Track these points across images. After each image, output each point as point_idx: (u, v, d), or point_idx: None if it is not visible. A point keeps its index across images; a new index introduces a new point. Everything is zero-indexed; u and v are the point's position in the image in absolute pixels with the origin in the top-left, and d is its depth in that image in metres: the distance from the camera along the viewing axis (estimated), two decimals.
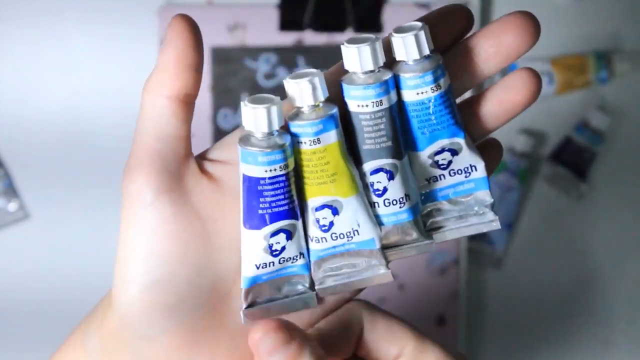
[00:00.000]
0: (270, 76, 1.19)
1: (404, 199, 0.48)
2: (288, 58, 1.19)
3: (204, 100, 1.19)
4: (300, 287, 0.49)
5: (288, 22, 1.19)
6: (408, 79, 0.47)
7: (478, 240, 1.18)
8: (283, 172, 0.46)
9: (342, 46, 0.47)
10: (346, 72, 0.47)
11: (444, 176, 0.49)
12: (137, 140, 0.47)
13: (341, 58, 0.47)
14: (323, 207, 0.48)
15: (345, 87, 0.47)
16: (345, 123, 0.47)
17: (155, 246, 0.46)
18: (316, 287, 0.49)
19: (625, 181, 1.21)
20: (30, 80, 1.19)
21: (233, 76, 1.19)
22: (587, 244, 1.21)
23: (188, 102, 0.47)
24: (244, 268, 0.47)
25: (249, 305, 0.48)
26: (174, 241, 0.46)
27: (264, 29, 1.19)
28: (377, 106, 0.47)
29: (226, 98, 1.19)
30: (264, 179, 0.46)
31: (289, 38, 1.19)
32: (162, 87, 0.47)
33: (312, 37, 1.19)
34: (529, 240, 1.22)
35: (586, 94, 1.19)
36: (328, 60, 1.18)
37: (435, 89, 0.47)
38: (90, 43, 1.19)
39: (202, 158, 0.48)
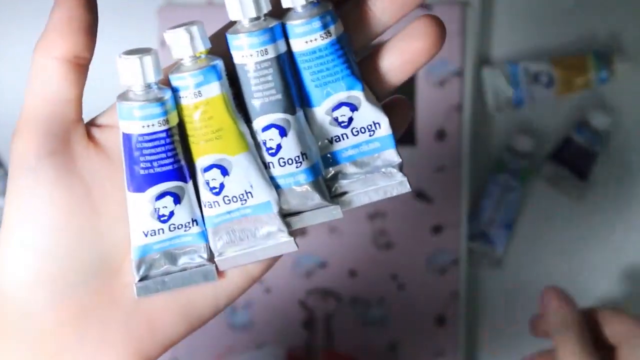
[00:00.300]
0: None
1: (300, 157, 0.45)
2: None
3: None
4: (197, 259, 0.46)
5: None
6: (295, 26, 0.44)
7: (477, 240, 1.18)
8: (163, 127, 0.43)
9: None
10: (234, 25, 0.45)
11: (347, 135, 0.46)
12: (25, 102, 0.46)
13: None
14: (211, 167, 0.45)
15: (229, 37, 0.45)
16: (234, 80, 0.45)
17: (36, 211, 0.44)
18: (216, 259, 0.46)
19: (626, 181, 1.21)
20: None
21: None
22: (587, 244, 1.21)
23: (79, 65, 0.45)
24: (133, 236, 0.45)
25: (142, 278, 0.45)
26: (54, 208, 0.44)
27: None
28: (262, 55, 0.44)
29: None
30: (142, 135, 0.43)
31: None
32: (51, 48, 0.45)
33: None
34: (529, 240, 1.22)
35: (586, 94, 1.19)
36: None
37: (325, 35, 0.44)
38: None
39: (91, 124, 0.46)
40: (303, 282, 1.16)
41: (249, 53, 0.44)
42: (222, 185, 0.45)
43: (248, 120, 0.45)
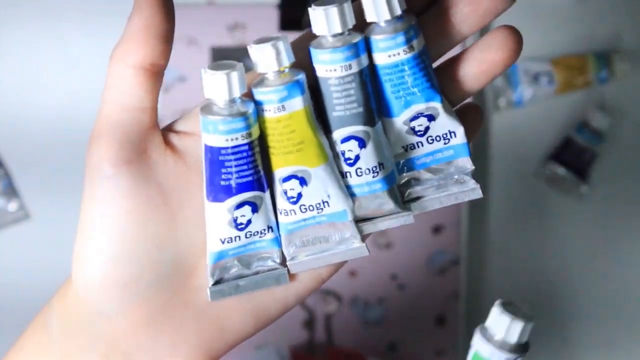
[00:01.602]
0: None
1: (377, 167, 0.46)
2: None
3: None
4: (270, 263, 0.47)
5: (288, 22, 1.19)
6: (379, 40, 0.45)
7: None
8: (246, 141, 0.44)
9: (309, 9, 0.44)
10: (316, 36, 0.45)
11: (422, 143, 0.47)
12: (101, 110, 0.45)
13: None
14: (290, 177, 0.45)
15: (312, 51, 0.45)
16: (315, 90, 0.45)
17: (113, 220, 0.45)
18: (287, 263, 0.47)
19: (626, 181, 1.21)
20: (30, 80, 1.19)
21: None
22: (587, 245, 1.21)
23: (155, 72, 0.45)
24: (209, 243, 0.45)
25: (216, 282, 0.46)
26: (132, 215, 0.45)
27: (264, 29, 1.19)
28: (345, 70, 0.44)
29: None
30: (225, 148, 0.44)
31: (289, 38, 1.19)
32: (127, 55, 0.45)
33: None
34: (529, 240, 1.22)
35: (586, 94, 1.19)
36: None
37: (407, 50, 0.45)
38: (90, 43, 1.19)
39: (168, 130, 0.47)
40: None
41: (333, 68, 0.45)
42: (299, 195, 0.46)
43: (327, 131, 0.46)
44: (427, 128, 0.46)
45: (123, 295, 0.45)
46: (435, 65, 0.47)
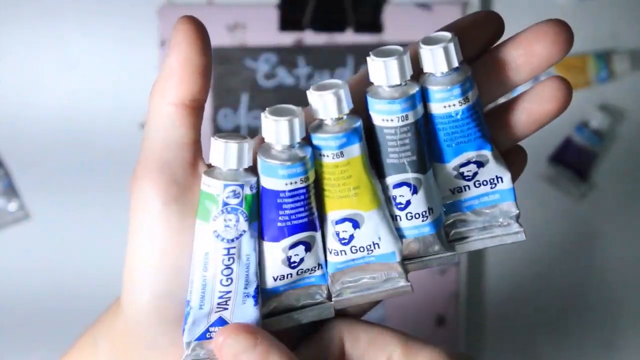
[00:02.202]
0: (270, 76, 1.19)
1: (427, 212, 0.47)
2: (288, 58, 1.19)
3: None
4: (317, 297, 0.48)
5: (288, 22, 1.19)
6: (436, 92, 0.46)
7: None
8: (304, 184, 0.45)
9: (367, 58, 0.45)
10: (370, 81, 0.46)
11: (469, 187, 0.48)
12: (145, 147, 0.46)
13: (341, 59, 0.46)
14: (344, 220, 0.46)
15: (370, 100, 0.46)
16: (369, 134, 0.46)
17: (163, 257, 0.45)
18: (333, 299, 0.48)
19: (627, 181, 1.21)
20: (30, 80, 1.19)
21: (233, 76, 1.19)
22: (588, 244, 1.21)
23: (195, 107, 0.46)
24: (262, 280, 0.47)
25: (267, 315, 0.47)
26: (182, 252, 0.45)
27: (264, 29, 1.19)
28: (402, 121, 0.45)
29: (226, 98, 1.19)
30: (284, 192, 0.45)
31: (289, 38, 1.19)
32: (168, 93, 0.45)
33: (312, 37, 1.19)
34: (529, 240, 1.21)
35: (586, 94, 1.19)
36: (328, 60, 1.18)
37: (463, 102, 0.46)
38: (90, 43, 1.19)
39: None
40: None
41: (390, 118, 0.45)
42: (351, 237, 0.47)
43: (380, 175, 0.47)
44: (476, 173, 0.48)
45: (174, 330, 0.46)
46: (485, 109, 0.48)
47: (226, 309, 0.46)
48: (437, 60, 0.45)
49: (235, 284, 0.46)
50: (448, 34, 0.46)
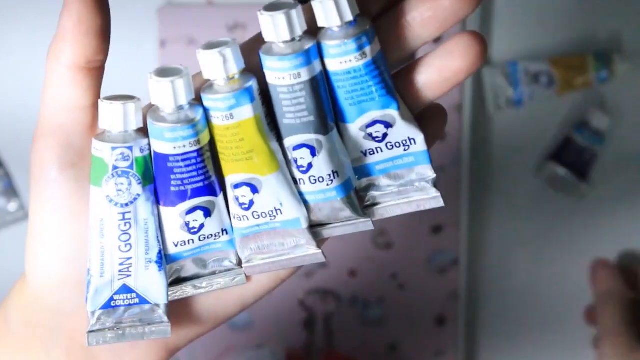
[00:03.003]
0: None
1: (332, 175, 0.45)
2: None
3: None
4: (227, 264, 0.46)
5: None
6: (330, 47, 0.43)
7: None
8: (194, 148, 0.43)
9: (258, 13, 0.43)
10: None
11: (381, 149, 0.45)
12: (41, 110, 0.45)
13: None
14: (241, 184, 0.44)
15: (262, 57, 0.44)
16: (269, 94, 0.44)
17: (61, 221, 0.44)
18: (243, 265, 0.46)
19: (627, 180, 1.21)
20: (30, 81, 1.19)
21: None
22: (588, 244, 1.21)
23: (92, 69, 0.44)
24: (164, 246, 0.45)
25: (173, 282, 0.46)
26: (80, 215, 0.44)
27: None
28: (295, 78, 0.43)
29: None
30: (173, 155, 0.43)
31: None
32: (61, 55, 0.44)
33: None
34: (530, 240, 1.22)
35: (586, 94, 1.19)
36: None
37: (360, 57, 0.43)
38: None
39: None
40: (303, 282, 1.16)
41: (282, 76, 0.43)
42: (251, 202, 0.45)
43: (280, 137, 0.45)
44: (385, 135, 0.45)
45: (78, 293, 0.45)
46: (394, 72, 0.46)
47: (129, 275, 0.45)
48: (328, 14, 0.43)
49: (135, 249, 0.44)
50: None
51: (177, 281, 0.46)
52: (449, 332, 1.17)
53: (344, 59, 0.43)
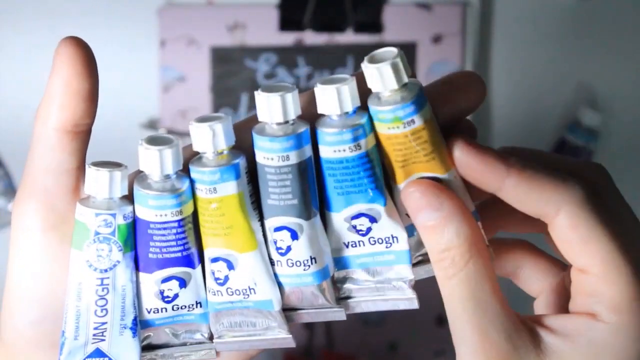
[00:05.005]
0: (270, 76, 1.19)
1: (310, 261, 0.44)
2: (288, 58, 1.19)
3: (204, 100, 1.19)
4: (198, 336, 0.47)
5: (288, 22, 1.19)
6: (326, 134, 0.43)
7: None
8: (176, 217, 0.43)
9: (255, 92, 0.43)
10: None
11: (363, 243, 0.45)
12: (26, 172, 0.45)
13: (341, 59, 0.44)
14: (218, 259, 0.44)
15: (254, 136, 0.43)
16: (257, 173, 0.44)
17: (39, 284, 0.45)
18: (214, 341, 0.46)
19: (624, 175, 1.21)
20: (30, 81, 1.19)
21: (233, 76, 1.19)
22: None
23: (79, 133, 0.44)
24: (139, 311, 0.45)
25: (144, 348, 0.46)
26: (59, 280, 0.45)
27: (264, 29, 1.19)
28: (283, 161, 0.43)
29: (226, 98, 1.19)
30: (154, 222, 0.43)
31: (289, 38, 1.19)
32: (48, 117, 0.44)
33: (312, 37, 1.19)
34: (530, 240, 1.22)
35: (575, 94, 1.19)
36: (328, 60, 1.18)
37: (354, 148, 0.43)
38: (90, 43, 1.19)
39: None
40: None
41: (270, 156, 0.43)
42: (226, 278, 0.45)
43: (262, 217, 0.45)
44: (369, 229, 0.45)
45: (51, 355, 0.45)
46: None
47: (103, 340, 0.45)
48: (329, 102, 0.43)
49: (111, 315, 0.45)
50: (347, 76, 0.43)
51: (147, 347, 0.46)
52: (449, 332, 1.17)
53: (338, 148, 0.43)
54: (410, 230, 0.45)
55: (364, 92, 0.43)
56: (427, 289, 1.24)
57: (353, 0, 1.18)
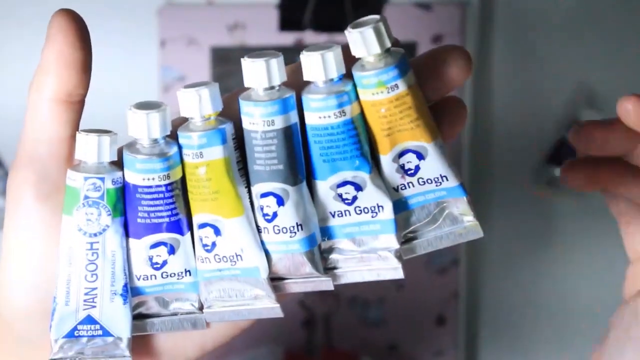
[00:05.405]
0: None
1: (296, 227, 0.45)
2: (288, 58, 1.19)
3: None
4: (188, 306, 0.47)
5: (288, 22, 1.19)
6: (310, 100, 0.44)
7: None
8: (163, 182, 0.44)
9: (241, 59, 0.44)
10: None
11: (349, 212, 0.45)
12: (21, 140, 0.47)
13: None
14: (205, 225, 0.45)
15: (240, 102, 0.44)
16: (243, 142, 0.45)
17: (34, 251, 0.45)
18: (204, 311, 0.47)
19: None
20: (30, 81, 1.19)
21: (233, 76, 1.19)
22: (588, 244, 1.21)
23: (73, 102, 0.45)
24: (129, 278, 0.46)
25: (134, 317, 0.46)
26: (51, 248, 0.45)
27: (264, 29, 1.19)
28: (268, 125, 0.44)
29: None
30: (141, 187, 0.44)
31: (289, 38, 1.19)
32: (42, 88, 0.45)
33: (312, 37, 1.19)
34: (531, 240, 1.22)
35: (574, 93, 1.19)
36: None
37: (339, 114, 0.44)
38: None
39: None
40: None
41: (256, 121, 0.44)
42: (214, 244, 0.45)
43: (250, 184, 0.45)
44: (355, 198, 0.45)
45: (44, 323, 0.46)
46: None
47: (94, 306, 0.45)
48: (314, 68, 0.44)
49: (101, 280, 0.45)
50: (332, 44, 0.44)
51: (138, 316, 0.46)
52: (449, 332, 1.18)
53: (322, 114, 0.44)
54: (398, 206, 0.45)
55: (351, 62, 0.44)
56: (427, 289, 1.24)
57: (353, 0, 1.18)
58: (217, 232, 0.45)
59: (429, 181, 0.46)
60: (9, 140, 1.22)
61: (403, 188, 0.46)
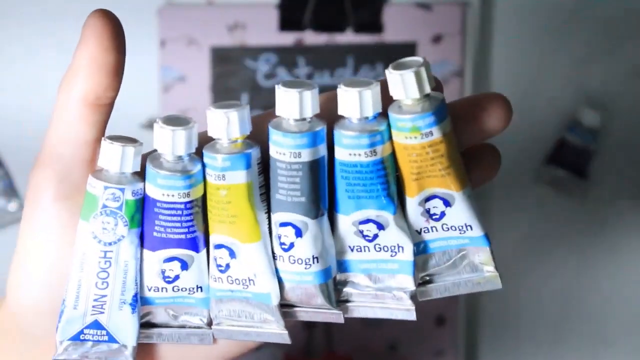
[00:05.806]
0: (270, 76, 1.19)
1: (311, 260, 0.44)
2: (288, 58, 1.19)
3: (204, 100, 1.19)
4: (197, 321, 0.47)
5: (288, 22, 1.19)
6: (343, 136, 0.43)
7: None
8: (182, 199, 0.44)
9: (276, 86, 0.43)
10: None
11: (369, 248, 0.45)
12: (46, 139, 0.46)
13: (341, 59, 0.44)
14: (221, 246, 0.45)
15: (270, 129, 0.43)
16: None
17: (48, 250, 0.45)
18: (213, 327, 0.47)
19: (626, 174, 1.21)
20: (30, 81, 1.19)
21: (233, 76, 1.19)
22: (589, 244, 1.21)
23: (101, 105, 0.45)
24: (140, 286, 0.46)
25: (142, 326, 0.46)
26: (65, 249, 0.45)
27: (264, 29, 1.19)
28: (294, 157, 0.43)
29: (226, 98, 1.19)
30: (160, 202, 0.44)
31: (289, 38, 1.19)
32: (72, 88, 0.44)
33: (312, 37, 1.19)
34: (531, 240, 1.22)
35: (574, 93, 1.20)
36: (328, 61, 1.18)
37: (369, 154, 0.43)
38: None
39: None
40: None
41: (283, 151, 0.43)
42: (227, 266, 0.45)
43: (270, 210, 0.45)
44: (376, 235, 0.45)
45: (51, 320, 0.46)
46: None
47: (102, 312, 0.45)
48: (350, 104, 0.43)
49: (112, 288, 0.45)
50: (371, 80, 0.43)
51: (146, 324, 0.46)
52: (449, 332, 1.18)
53: (354, 152, 0.43)
54: (419, 248, 0.45)
55: (388, 100, 0.43)
56: None
57: (353, 0, 1.18)
58: (232, 254, 0.45)
59: (453, 228, 0.45)
60: (9, 140, 1.22)
61: (426, 231, 0.45)
